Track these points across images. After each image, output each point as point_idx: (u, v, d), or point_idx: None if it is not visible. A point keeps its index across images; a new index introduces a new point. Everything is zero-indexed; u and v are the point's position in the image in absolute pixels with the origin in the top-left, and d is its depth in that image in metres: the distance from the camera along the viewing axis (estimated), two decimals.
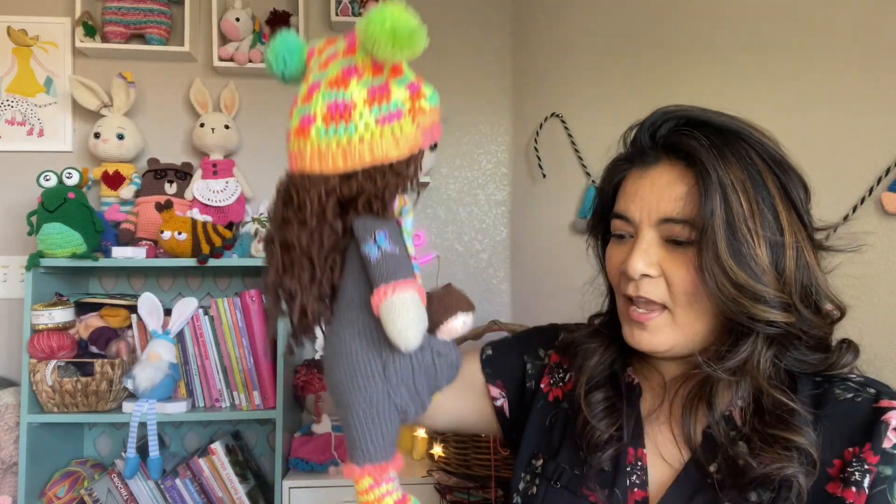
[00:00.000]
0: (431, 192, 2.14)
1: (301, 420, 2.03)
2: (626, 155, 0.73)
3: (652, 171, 0.68)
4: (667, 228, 0.65)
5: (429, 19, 2.28)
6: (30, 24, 2.00)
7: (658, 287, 0.65)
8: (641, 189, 0.68)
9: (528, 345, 0.87)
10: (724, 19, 1.35)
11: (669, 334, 0.66)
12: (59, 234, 1.66)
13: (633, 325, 0.68)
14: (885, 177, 1.05)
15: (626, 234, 0.69)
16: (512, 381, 0.84)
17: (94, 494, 1.73)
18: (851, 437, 0.60)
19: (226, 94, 2.00)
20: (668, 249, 0.65)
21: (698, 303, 0.64)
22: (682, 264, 0.64)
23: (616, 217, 0.70)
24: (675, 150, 0.67)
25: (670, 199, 0.65)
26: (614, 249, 0.71)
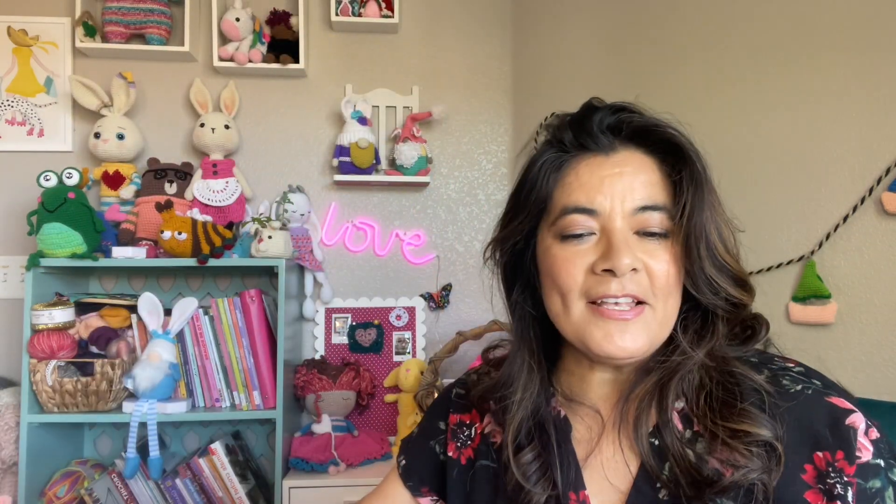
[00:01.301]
0: (431, 192, 2.14)
1: (301, 420, 2.03)
2: (569, 143, 0.65)
3: (614, 158, 0.63)
4: (641, 219, 0.60)
5: (429, 19, 2.30)
6: (30, 24, 2.00)
7: (642, 282, 0.60)
8: (608, 177, 0.61)
9: (430, 426, 0.81)
10: (722, 20, 1.35)
11: (650, 332, 0.61)
12: (59, 234, 1.66)
13: (612, 326, 0.60)
14: (885, 177, 1.05)
15: (585, 231, 0.62)
16: (433, 475, 0.78)
17: (94, 494, 1.73)
18: (816, 438, 0.55)
19: (226, 94, 2.00)
20: (641, 242, 0.61)
21: (674, 295, 0.61)
22: (660, 255, 0.60)
23: (573, 212, 0.62)
24: (641, 137, 0.63)
25: (643, 186, 0.61)
26: (571, 251, 0.62)
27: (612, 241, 0.60)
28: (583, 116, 0.66)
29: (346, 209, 2.12)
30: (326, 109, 2.11)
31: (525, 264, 0.70)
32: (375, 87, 2.12)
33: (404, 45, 2.14)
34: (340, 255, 2.12)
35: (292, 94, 2.10)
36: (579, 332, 0.62)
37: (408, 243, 2.13)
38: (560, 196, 0.64)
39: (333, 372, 1.91)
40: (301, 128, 2.11)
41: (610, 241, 0.60)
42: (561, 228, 0.63)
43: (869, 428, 0.55)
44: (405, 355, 2.08)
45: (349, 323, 2.07)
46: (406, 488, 0.79)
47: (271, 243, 1.77)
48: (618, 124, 0.64)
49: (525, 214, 0.67)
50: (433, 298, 2.11)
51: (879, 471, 0.54)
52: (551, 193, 0.65)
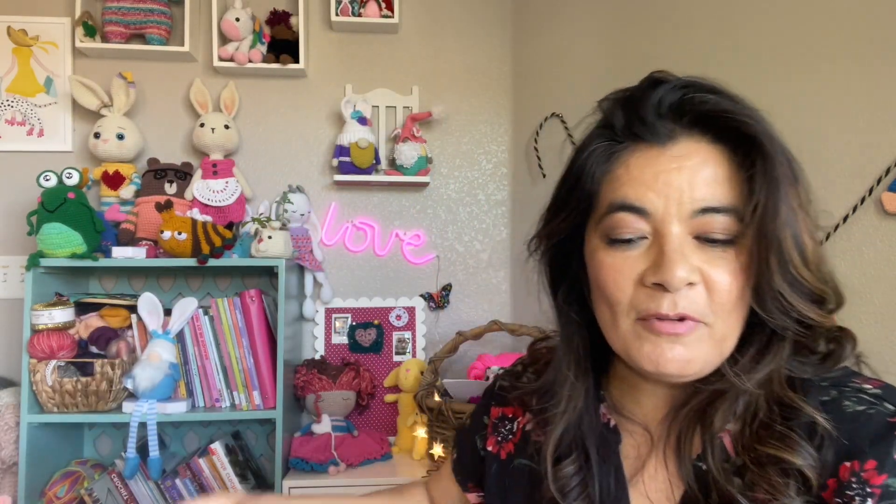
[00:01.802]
0: (431, 192, 2.14)
1: (301, 420, 2.03)
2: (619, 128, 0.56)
3: (673, 149, 0.53)
4: (703, 222, 0.51)
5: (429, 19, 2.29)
6: (30, 24, 2.00)
7: (699, 298, 0.51)
8: (663, 173, 0.52)
9: (476, 419, 0.77)
10: (722, 21, 1.35)
11: (706, 351, 0.53)
12: (59, 234, 1.66)
13: (661, 339, 0.52)
14: (885, 177, 1.04)
15: (634, 235, 0.53)
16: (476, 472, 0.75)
17: (94, 494, 1.73)
18: (850, 451, 0.49)
19: (226, 94, 2.00)
20: (702, 249, 0.52)
21: (737, 311, 0.53)
22: (723, 266, 0.52)
23: (620, 209, 0.54)
24: (707, 122, 0.53)
25: (707, 184, 0.51)
26: (618, 258, 0.54)
27: (665, 250, 0.51)
28: (639, 96, 0.56)
29: (346, 209, 2.12)
30: (326, 109, 2.11)
31: (571, 264, 0.62)
32: (375, 87, 2.12)
33: (404, 45, 2.14)
34: (340, 255, 2.12)
35: (292, 94, 2.10)
36: (627, 347, 0.55)
37: (408, 243, 2.13)
38: (608, 190, 0.56)
39: (333, 372, 1.91)
40: (301, 128, 2.11)
41: (662, 248, 0.52)
42: (607, 229, 0.55)
43: None
44: (405, 355, 2.08)
45: (349, 323, 2.07)
46: (457, 483, 0.78)
47: (271, 243, 1.77)
48: (680, 108, 0.54)
49: (570, 210, 0.59)
50: (433, 298, 2.11)
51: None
52: (599, 188, 0.56)
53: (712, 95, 0.54)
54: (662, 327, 0.52)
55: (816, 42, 1.15)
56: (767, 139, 0.51)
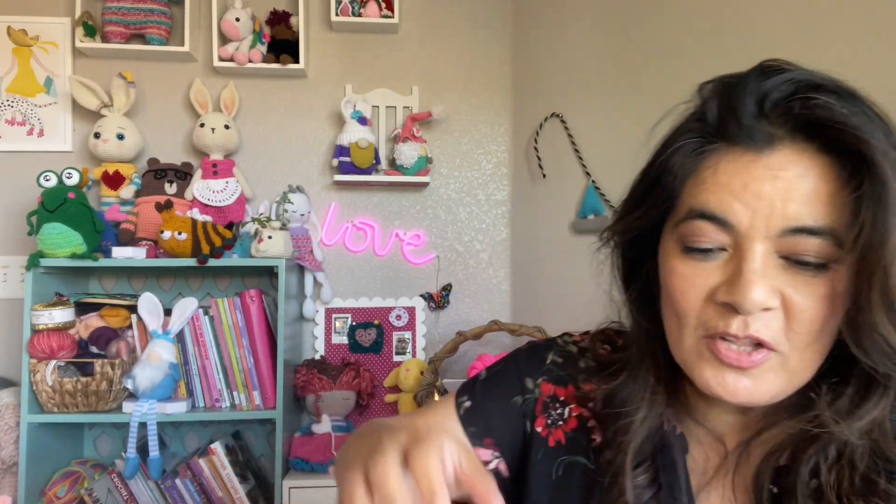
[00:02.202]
0: (431, 192, 2.14)
1: (301, 420, 2.03)
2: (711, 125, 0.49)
3: (770, 157, 0.46)
4: (793, 242, 0.45)
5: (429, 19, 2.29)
6: (30, 24, 2.00)
7: (774, 323, 0.46)
8: (755, 181, 0.46)
9: (514, 378, 0.67)
10: (723, 19, 1.35)
11: (775, 382, 0.48)
12: (59, 234, 1.66)
13: (724, 369, 0.48)
14: None
15: (713, 245, 0.48)
16: (504, 430, 0.65)
17: (94, 494, 1.73)
18: None
19: (226, 94, 2.00)
20: (788, 271, 0.46)
21: (817, 345, 0.47)
22: (810, 293, 0.46)
23: (700, 217, 0.48)
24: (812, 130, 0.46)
25: (803, 200, 0.45)
26: (691, 267, 0.49)
27: (743, 269, 0.46)
28: (741, 89, 0.48)
29: (346, 209, 2.12)
30: (326, 109, 2.11)
31: (646, 261, 0.57)
32: (375, 87, 2.12)
33: (404, 45, 2.14)
34: (340, 255, 2.12)
35: (292, 94, 2.10)
36: (689, 366, 0.51)
37: (408, 243, 2.13)
38: (691, 193, 0.50)
39: (333, 372, 1.91)
40: (301, 128, 2.11)
41: (741, 266, 0.46)
42: (683, 235, 0.50)
43: None
44: (405, 355, 2.08)
45: (349, 323, 2.07)
46: (466, 433, 0.64)
47: (271, 243, 1.77)
48: (787, 107, 0.47)
49: (648, 207, 0.53)
50: (433, 298, 2.11)
51: None
52: (682, 187, 0.51)
53: (827, 98, 0.46)
54: (729, 356, 0.47)
55: (816, 42, 1.15)
56: (883, 158, 0.44)
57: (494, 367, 0.70)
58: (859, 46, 1.09)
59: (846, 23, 1.11)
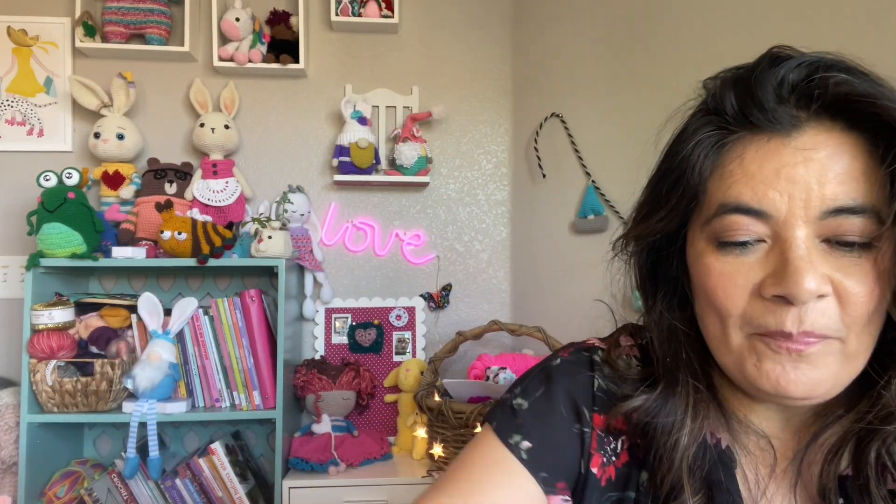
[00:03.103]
0: (431, 192, 2.14)
1: (301, 420, 2.03)
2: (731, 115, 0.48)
3: (799, 139, 0.45)
4: (835, 224, 0.44)
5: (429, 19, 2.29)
6: (30, 24, 2.00)
7: (830, 311, 0.44)
8: (787, 166, 0.44)
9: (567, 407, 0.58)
10: (723, 19, 1.35)
11: (836, 370, 0.46)
12: (59, 234, 1.66)
13: (784, 360, 0.46)
14: None
15: (750, 238, 0.46)
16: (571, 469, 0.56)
17: (94, 494, 1.73)
18: None
19: (226, 94, 2.00)
20: (833, 255, 0.44)
21: (873, 325, 0.46)
22: (859, 274, 0.44)
23: (734, 212, 0.46)
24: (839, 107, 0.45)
25: (839, 179, 0.44)
26: (730, 264, 0.47)
27: (790, 257, 0.44)
28: (755, 78, 0.47)
29: (345, 209, 2.12)
30: (326, 109, 2.11)
31: (671, 266, 0.54)
32: (375, 87, 2.12)
33: (404, 45, 2.14)
34: (340, 255, 2.12)
35: (292, 94, 2.10)
36: (740, 365, 0.48)
37: (408, 243, 2.13)
38: (718, 187, 0.48)
39: (333, 372, 1.91)
40: (301, 128, 2.11)
41: (786, 255, 0.44)
42: (717, 231, 0.47)
43: None
44: (405, 355, 2.08)
45: (349, 323, 2.07)
46: (537, 481, 0.55)
47: (271, 243, 1.77)
48: (808, 88, 0.45)
49: (670, 209, 0.50)
50: (433, 298, 2.11)
51: None
52: (706, 183, 0.48)
53: (845, 75, 0.45)
54: (785, 345, 0.45)
55: (816, 41, 1.15)
56: None
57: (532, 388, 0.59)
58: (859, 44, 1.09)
59: (845, 22, 1.11)
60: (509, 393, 0.61)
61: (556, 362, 0.61)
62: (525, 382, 0.61)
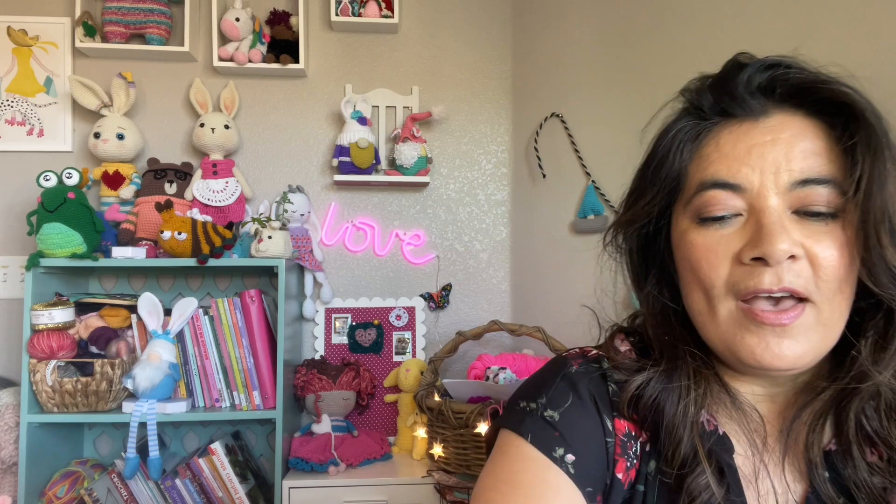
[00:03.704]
0: (431, 192, 2.14)
1: (301, 420, 2.03)
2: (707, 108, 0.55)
3: (766, 124, 0.51)
4: (801, 195, 0.49)
5: (429, 19, 2.29)
6: (30, 24, 2.00)
7: (803, 273, 0.48)
8: (756, 146, 0.50)
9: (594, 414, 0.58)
10: (723, 19, 1.35)
11: (814, 338, 0.49)
12: (59, 234, 1.66)
13: (767, 332, 0.49)
14: None
15: (728, 212, 0.51)
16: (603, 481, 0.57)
17: (94, 494, 1.73)
18: None
19: (226, 94, 2.00)
20: (802, 224, 0.49)
21: (844, 291, 0.50)
22: (827, 241, 0.49)
23: (712, 187, 0.51)
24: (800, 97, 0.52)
25: (804, 156, 0.49)
26: (711, 237, 0.52)
27: (764, 222, 0.49)
28: (726, 77, 0.54)
29: (345, 209, 2.12)
30: (326, 109, 2.11)
31: (658, 250, 0.59)
32: (375, 87, 2.12)
33: (404, 45, 2.14)
34: (340, 255, 2.12)
35: (292, 94, 2.10)
36: (727, 339, 0.51)
37: (408, 243, 2.13)
38: (697, 170, 0.53)
39: (333, 372, 1.91)
40: (301, 128, 2.11)
41: (760, 222, 0.49)
42: (698, 208, 0.52)
43: None
44: (405, 355, 2.08)
45: (349, 323, 2.07)
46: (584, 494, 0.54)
47: (271, 243, 1.77)
48: (770, 83, 0.52)
49: (654, 193, 0.56)
50: (433, 298, 2.11)
51: None
52: (686, 168, 0.54)
53: (800, 68, 0.53)
54: (767, 317, 0.49)
55: (816, 41, 1.15)
56: (867, 108, 0.50)
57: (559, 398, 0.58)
58: (854, 42, 1.09)
59: (844, 22, 1.11)
60: (533, 402, 0.59)
61: (572, 370, 0.60)
62: (548, 392, 0.59)
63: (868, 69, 0.54)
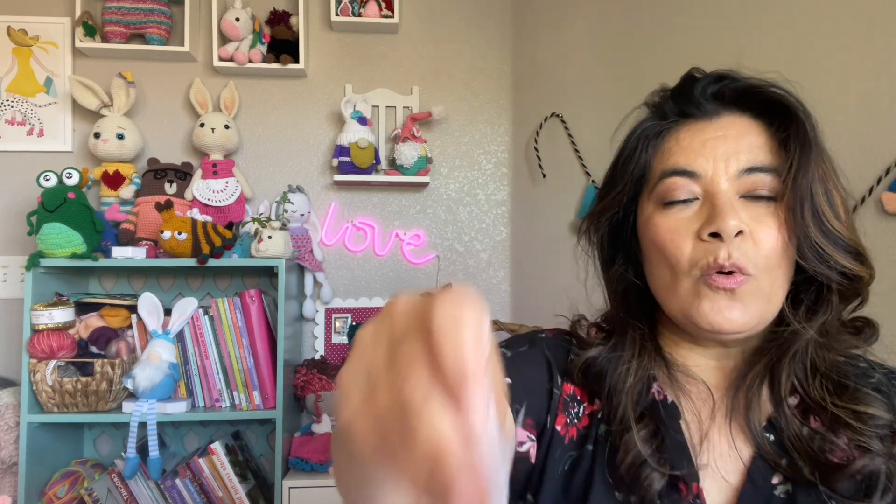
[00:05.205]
0: (431, 191, 2.14)
1: (301, 420, 2.03)
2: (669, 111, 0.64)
3: (717, 123, 0.61)
4: (748, 181, 0.58)
5: (429, 19, 2.29)
6: (30, 24, 2.00)
7: (749, 250, 0.56)
8: (710, 140, 0.59)
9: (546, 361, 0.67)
10: (722, 20, 1.35)
11: (757, 305, 0.57)
12: (59, 234, 1.66)
13: (718, 297, 0.57)
14: (885, 177, 1.04)
15: (687, 196, 0.59)
16: (540, 413, 0.65)
17: (94, 494, 1.73)
18: None
19: (226, 94, 2.00)
20: (748, 206, 0.58)
21: (782, 267, 0.58)
22: (768, 221, 0.57)
23: (673, 174, 0.60)
24: (745, 101, 0.61)
25: (749, 148, 0.58)
26: (672, 215, 0.60)
27: (717, 203, 0.57)
28: (684, 85, 0.64)
29: (345, 209, 2.12)
30: (326, 109, 2.11)
31: (625, 236, 0.67)
32: (375, 87, 2.12)
33: (404, 45, 2.14)
34: (340, 255, 2.12)
35: (292, 94, 2.10)
36: (685, 306, 0.59)
37: (408, 243, 2.13)
38: (659, 162, 0.62)
39: (333, 372, 1.91)
40: (301, 128, 2.11)
41: (714, 203, 0.57)
42: (661, 194, 0.61)
43: None
44: None
45: (349, 323, 2.07)
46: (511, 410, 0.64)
47: (271, 243, 1.77)
48: (721, 90, 0.62)
49: (623, 184, 0.64)
50: None
51: None
52: (650, 161, 0.63)
53: (743, 77, 0.62)
54: (718, 280, 0.56)
55: (816, 42, 1.15)
56: (799, 108, 0.59)
57: (516, 344, 0.70)
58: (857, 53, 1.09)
59: (843, 23, 1.11)
60: None
61: (542, 335, 0.72)
62: (510, 340, 0.72)
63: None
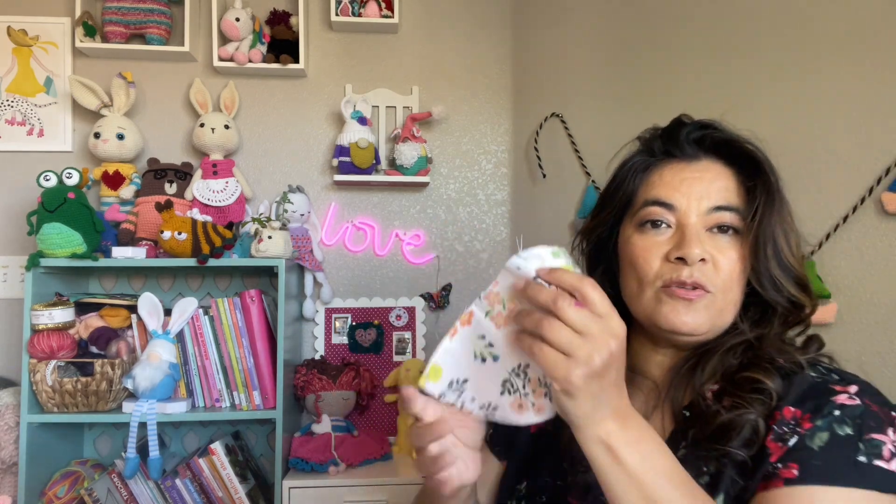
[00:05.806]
0: (431, 192, 2.14)
1: (301, 420, 2.03)
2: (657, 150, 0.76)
3: (696, 165, 0.72)
4: (716, 217, 0.69)
5: (429, 19, 2.29)
6: (30, 24, 2.00)
7: (708, 273, 0.68)
8: (687, 180, 0.71)
9: None
10: (722, 20, 1.35)
11: (708, 315, 0.68)
12: (59, 234, 1.66)
13: (678, 303, 0.69)
14: (885, 177, 1.05)
15: (664, 221, 0.71)
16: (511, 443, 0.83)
17: (94, 494, 1.73)
18: (797, 400, 0.64)
19: (226, 94, 2.00)
20: (713, 238, 0.69)
21: (735, 289, 0.69)
22: (728, 251, 0.68)
23: (654, 204, 0.72)
24: (721, 150, 0.72)
25: (719, 190, 0.70)
26: (648, 238, 0.72)
27: (686, 234, 0.68)
28: (672, 129, 0.75)
29: (345, 209, 2.12)
30: (326, 109, 2.11)
31: (608, 252, 0.78)
32: (375, 87, 2.12)
33: (404, 45, 2.14)
34: (340, 255, 2.12)
35: (292, 94, 2.10)
36: (648, 311, 0.70)
37: (407, 243, 2.13)
38: (644, 192, 0.73)
39: (333, 372, 1.92)
40: (301, 128, 2.11)
41: (684, 233, 0.69)
42: (641, 218, 0.72)
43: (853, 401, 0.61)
44: (405, 355, 2.08)
45: (349, 323, 2.07)
46: (493, 454, 0.84)
47: (271, 243, 1.77)
48: (702, 138, 0.73)
49: (611, 208, 0.76)
50: (433, 298, 2.11)
51: (829, 417, 0.60)
52: (637, 190, 0.74)
53: (723, 130, 0.73)
54: (679, 292, 0.68)
55: (815, 44, 1.15)
56: (766, 163, 0.71)
57: None
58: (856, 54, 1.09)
59: (843, 22, 1.11)
60: None
61: None
62: None
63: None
